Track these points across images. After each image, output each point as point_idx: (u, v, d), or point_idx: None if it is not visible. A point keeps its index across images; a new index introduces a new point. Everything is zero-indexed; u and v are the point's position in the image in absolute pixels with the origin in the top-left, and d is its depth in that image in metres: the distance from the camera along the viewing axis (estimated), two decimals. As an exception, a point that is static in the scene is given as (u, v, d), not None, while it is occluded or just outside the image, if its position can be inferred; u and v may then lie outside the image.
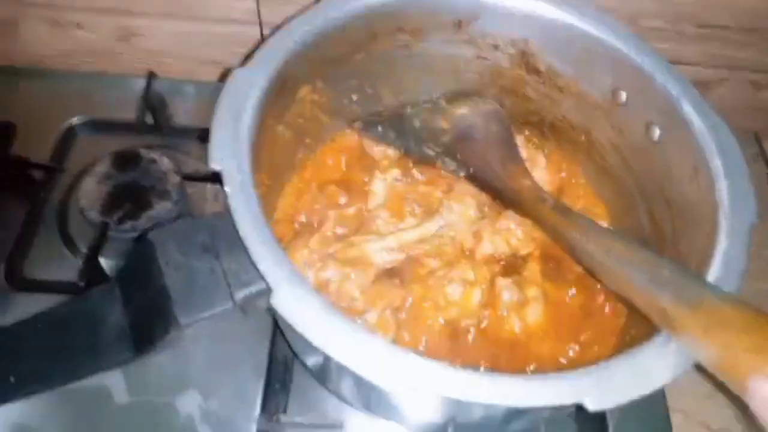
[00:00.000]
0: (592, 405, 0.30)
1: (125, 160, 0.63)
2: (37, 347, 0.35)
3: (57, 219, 0.62)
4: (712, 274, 0.37)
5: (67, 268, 0.59)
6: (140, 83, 0.70)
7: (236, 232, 0.33)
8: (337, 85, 0.51)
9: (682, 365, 0.32)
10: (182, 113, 0.71)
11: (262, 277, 0.32)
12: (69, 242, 0.61)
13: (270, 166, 0.43)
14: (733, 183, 0.40)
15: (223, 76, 0.41)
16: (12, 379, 0.33)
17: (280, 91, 0.43)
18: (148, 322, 0.34)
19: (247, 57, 0.41)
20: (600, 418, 0.53)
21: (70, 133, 0.68)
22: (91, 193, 0.60)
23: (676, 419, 0.55)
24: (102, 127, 0.69)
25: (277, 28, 0.43)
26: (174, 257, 0.34)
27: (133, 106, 0.69)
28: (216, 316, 0.33)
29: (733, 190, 0.40)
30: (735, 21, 0.64)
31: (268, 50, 0.42)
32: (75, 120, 0.68)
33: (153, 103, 0.67)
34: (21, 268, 0.59)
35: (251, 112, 0.39)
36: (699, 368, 0.33)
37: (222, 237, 0.35)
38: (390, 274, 0.46)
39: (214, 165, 0.35)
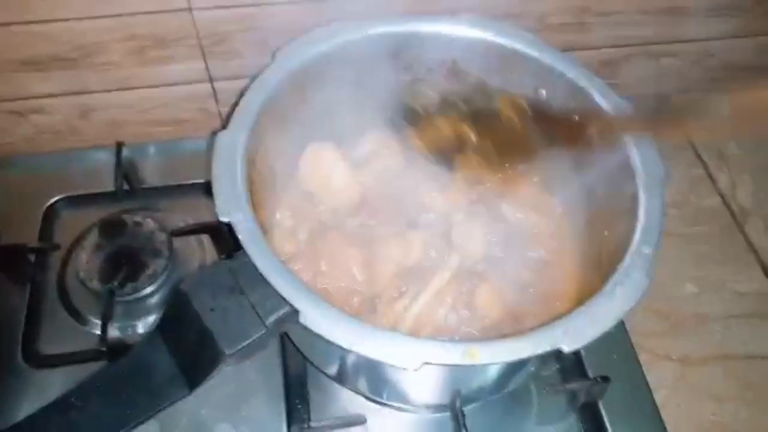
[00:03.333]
0: (567, 348, 0.38)
1: (112, 228, 0.67)
2: (102, 402, 0.40)
3: (58, 294, 0.66)
4: (639, 224, 0.45)
5: (79, 338, 0.63)
6: (105, 154, 0.75)
7: (255, 269, 0.40)
8: (301, 125, 0.58)
9: (628, 304, 0.41)
10: (150, 174, 0.76)
11: (286, 302, 0.39)
12: (75, 314, 0.65)
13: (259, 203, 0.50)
14: (642, 151, 0.49)
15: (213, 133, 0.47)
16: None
17: (258, 142, 0.49)
18: (197, 360, 0.40)
19: (227, 119, 0.47)
20: (580, 366, 0.61)
21: (51, 212, 0.72)
22: (86, 264, 0.65)
23: (643, 357, 0.64)
24: (80, 201, 0.73)
25: (243, 91, 0.50)
26: (206, 301, 0.40)
27: (103, 176, 0.73)
28: (254, 342, 0.39)
29: (643, 156, 0.49)
30: (628, 6, 0.75)
31: (240, 112, 0.49)
32: (53, 199, 0.72)
33: (125, 169, 0.72)
34: (36, 346, 0.63)
35: (240, 166, 0.45)
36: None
37: (242, 276, 0.41)
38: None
39: (223, 218, 0.41)
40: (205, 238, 0.70)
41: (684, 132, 0.48)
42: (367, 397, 0.56)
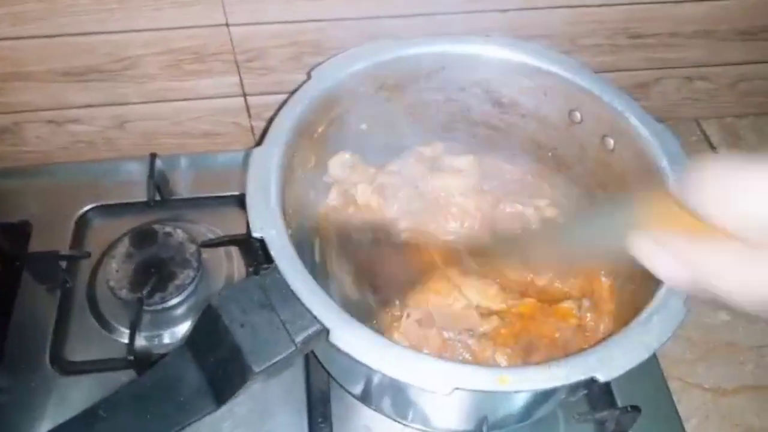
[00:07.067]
0: (602, 377, 0.37)
1: (142, 238, 0.68)
2: (129, 414, 0.40)
3: (88, 302, 0.67)
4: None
5: (106, 346, 0.63)
6: (138, 164, 0.76)
7: (286, 286, 0.40)
8: (333, 143, 0.58)
9: (665, 335, 0.40)
10: (181, 185, 0.77)
11: (317, 320, 0.38)
12: (103, 322, 0.65)
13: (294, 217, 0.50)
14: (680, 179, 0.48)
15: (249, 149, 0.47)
16: (116, 444, 0.38)
17: (291, 159, 0.50)
18: (225, 376, 0.40)
19: (261, 135, 0.48)
20: (608, 394, 0.60)
21: (83, 221, 0.73)
22: (116, 273, 0.65)
23: (673, 385, 0.63)
24: (112, 210, 0.74)
25: (279, 108, 0.51)
26: (237, 316, 0.40)
27: (136, 187, 0.75)
28: (282, 360, 0.39)
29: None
30: (661, 29, 0.74)
31: (275, 129, 0.49)
32: (86, 207, 0.74)
33: (157, 180, 0.73)
34: (64, 352, 0.63)
35: (274, 183, 0.45)
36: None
37: (273, 292, 0.41)
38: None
39: (256, 234, 0.42)
40: (234, 251, 0.71)
41: None
42: (390, 418, 0.56)
